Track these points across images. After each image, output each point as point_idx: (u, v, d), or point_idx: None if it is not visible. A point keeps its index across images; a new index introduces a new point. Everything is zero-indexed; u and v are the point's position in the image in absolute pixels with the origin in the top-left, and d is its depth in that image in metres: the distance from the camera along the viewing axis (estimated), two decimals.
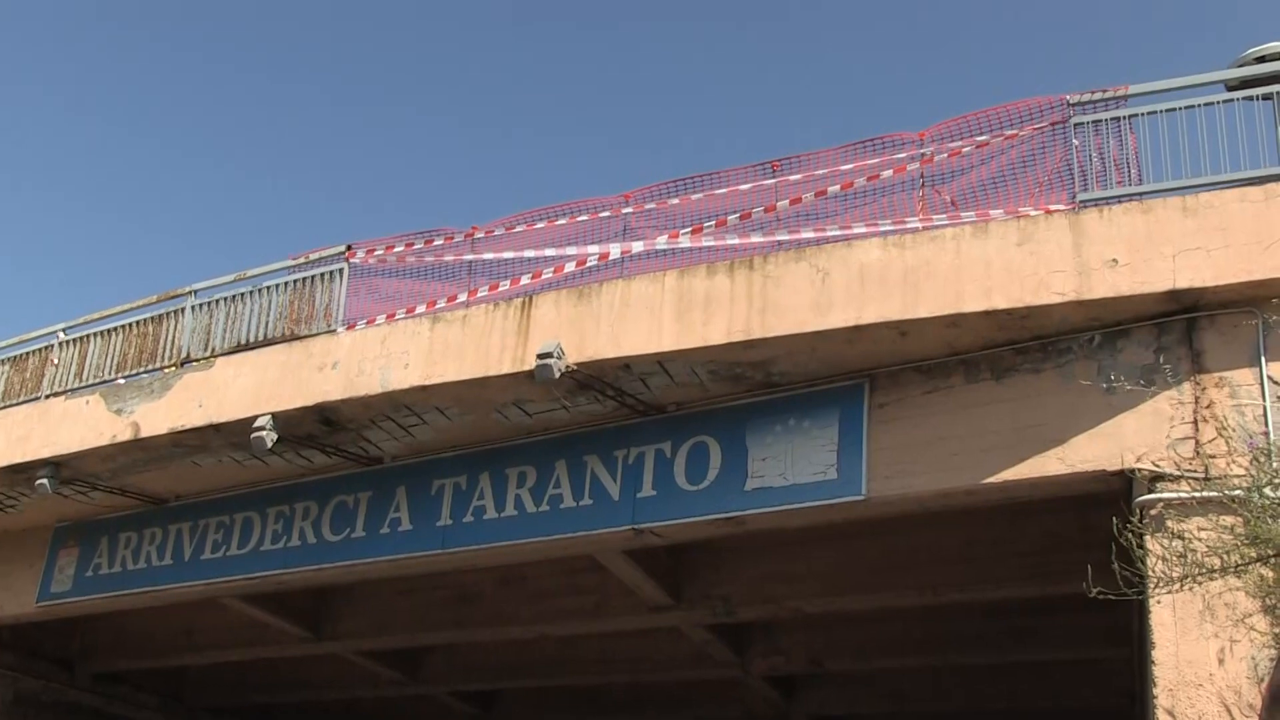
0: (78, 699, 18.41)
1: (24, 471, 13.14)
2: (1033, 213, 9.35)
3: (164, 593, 13.96)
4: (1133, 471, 8.38)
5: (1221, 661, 7.41)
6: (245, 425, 11.50)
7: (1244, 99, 9.10)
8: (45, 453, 12.93)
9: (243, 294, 13.14)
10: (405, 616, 15.37)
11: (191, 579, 13.54)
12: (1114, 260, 8.49)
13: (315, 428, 11.64)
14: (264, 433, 11.33)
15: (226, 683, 19.96)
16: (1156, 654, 7.70)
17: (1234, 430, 7.89)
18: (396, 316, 11.99)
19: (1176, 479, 8.04)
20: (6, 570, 15.03)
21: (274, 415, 11.36)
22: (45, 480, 12.85)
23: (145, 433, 12.26)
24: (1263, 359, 8.20)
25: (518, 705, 20.04)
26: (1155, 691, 7.68)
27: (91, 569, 14.27)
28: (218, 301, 13.27)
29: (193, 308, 13.33)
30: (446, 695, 19.22)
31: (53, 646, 17.91)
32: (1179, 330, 8.59)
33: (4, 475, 13.40)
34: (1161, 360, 8.53)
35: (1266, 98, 9.03)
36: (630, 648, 16.15)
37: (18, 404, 14.07)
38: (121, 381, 13.21)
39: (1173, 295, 8.42)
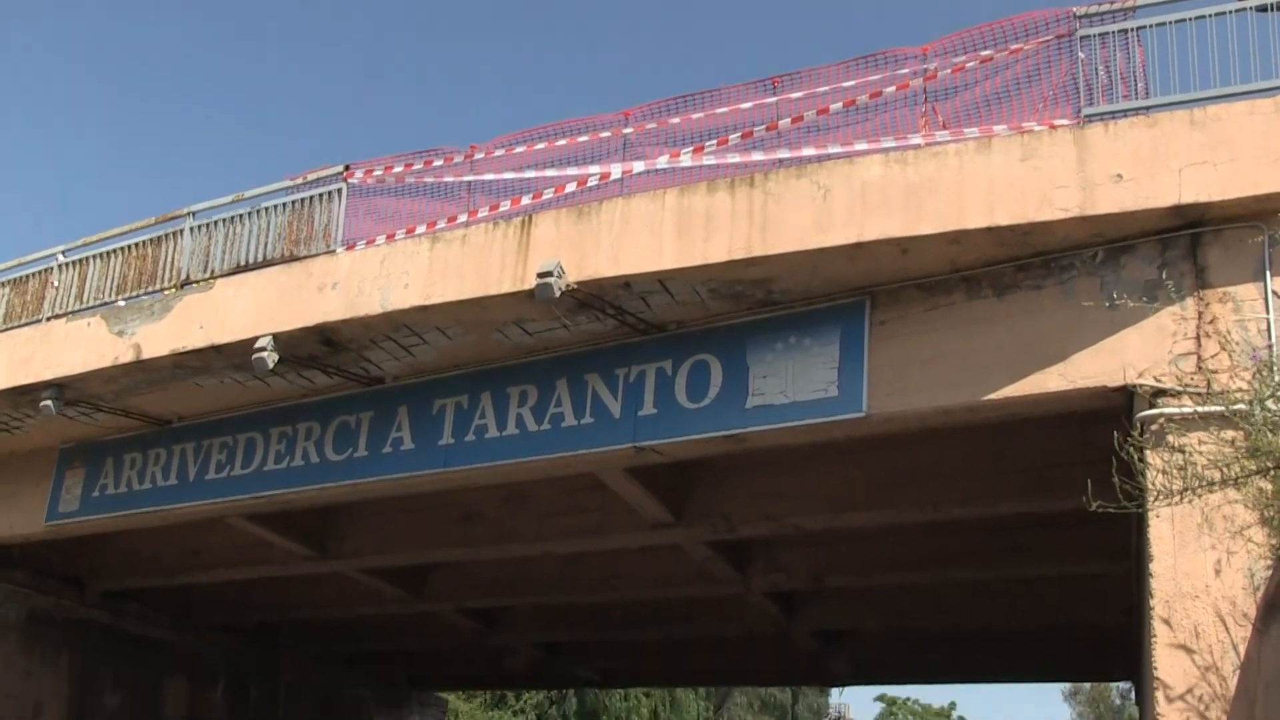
0: (88, 616, 18.66)
1: (28, 393, 13.17)
2: (1037, 128, 9.26)
3: (169, 512, 14.06)
4: (1134, 387, 8.39)
5: (1218, 573, 7.48)
6: (246, 346, 11.50)
7: (1256, 9, 8.95)
8: (48, 374, 12.95)
9: (241, 215, 13.08)
10: (409, 535, 15.49)
11: (196, 499, 13.64)
12: (1118, 175, 8.43)
13: (316, 348, 11.65)
14: (265, 354, 11.33)
15: (234, 601, 20.19)
16: (1154, 567, 7.76)
17: (1237, 344, 7.89)
18: (396, 237, 11.94)
19: (1178, 394, 8.05)
20: (14, 491, 15.14)
21: (275, 336, 11.36)
22: (49, 402, 12.89)
23: (147, 354, 12.27)
24: (1267, 273, 8.17)
25: (521, 622, 20.29)
26: (1152, 603, 7.75)
27: (98, 489, 14.37)
28: (216, 223, 13.21)
29: (191, 229, 13.27)
30: (451, 612, 19.45)
31: (62, 565, 18.12)
32: (1183, 245, 8.55)
33: (8, 397, 13.44)
34: (1165, 276, 8.50)
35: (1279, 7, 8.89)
36: (632, 565, 16.30)
37: (19, 326, 14.07)
38: (122, 304, 13.19)
39: (1178, 210, 8.37)
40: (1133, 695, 25.56)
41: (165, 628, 20.29)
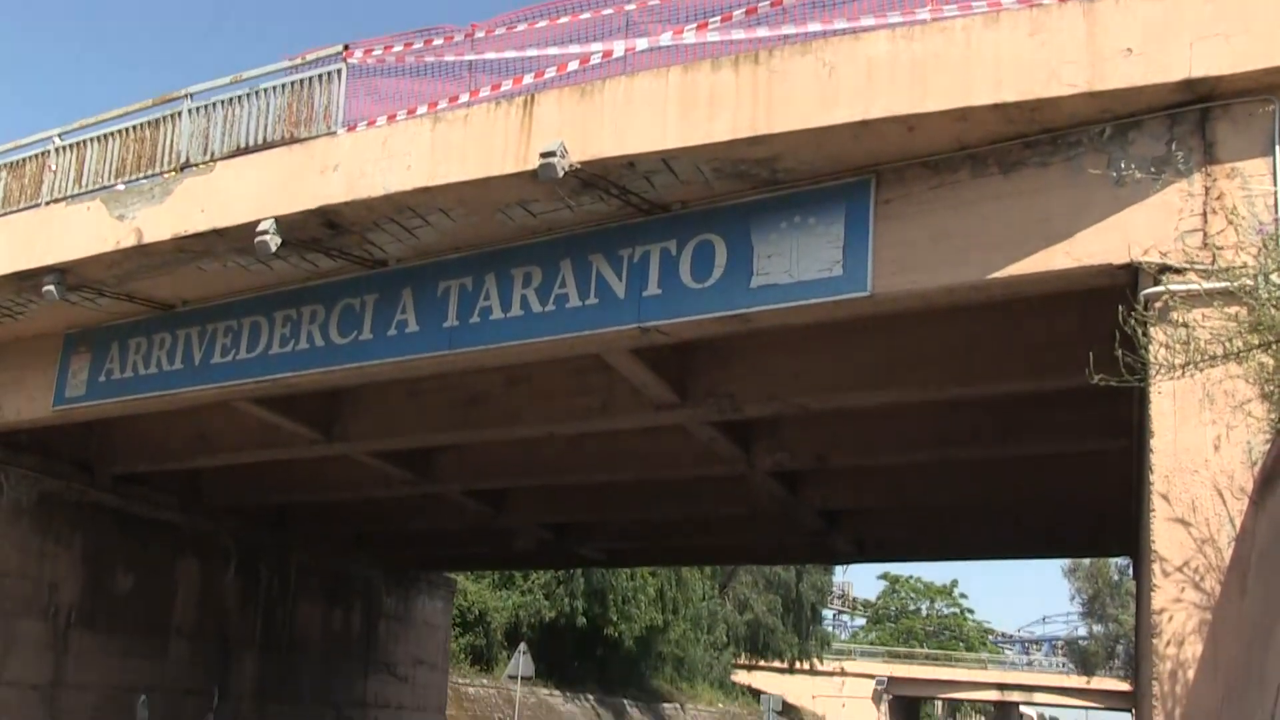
0: (99, 499, 18.91)
1: (30, 278, 13.17)
2: (1046, 1, 9.10)
3: (176, 396, 14.16)
4: (1139, 265, 8.37)
5: (1217, 448, 7.55)
6: (248, 230, 11.47)
7: None
8: (50, 259, 12.93)
9: (240, 97, 12.91)
10: (414, 418, 15.60)
11: (202, 383, 13.72)
12: (1128, 49, 8.31)
13: (319, 231, 11.61)
14: (267, 237, 11.30)
15: (243, 484, 20.42)
16: (1155, 442, 7.83)
17: (1243, 219, 7.85)
18: (397, 118, 11.80)
19: (1183, 271, 8.03)
20: (21, 376, 15.23)
21: (277, 219, 11.32)
22: (51, 287, 12.90)
23: (148, 238, 12.24)
24: (1276, 147, 8.09)
25: (528, 503, 20.53)
26: (1152, 479, 7.83)
27: (104, 374, 14.45)
28: (215, 105, 13.05)
29: (189, 111, 13.11)
30: (458, 494, 19.67)
31: (71, 450, 18.31)
32: (1192, 121, 8.46)
33: (10, 282, 13.44)
34: (1172, 151, 8.43)
35: None
36: (637, 446, 16.44)
37: (18, 211, 14.01)
38: (121, 187, 13.11)
39: (1188, 84, 8.26)
40: (1130, 571, 25.94)
41: (175, 510, 20.57)
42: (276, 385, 13.53)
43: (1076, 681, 69.62)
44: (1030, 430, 13.94)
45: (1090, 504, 17.60)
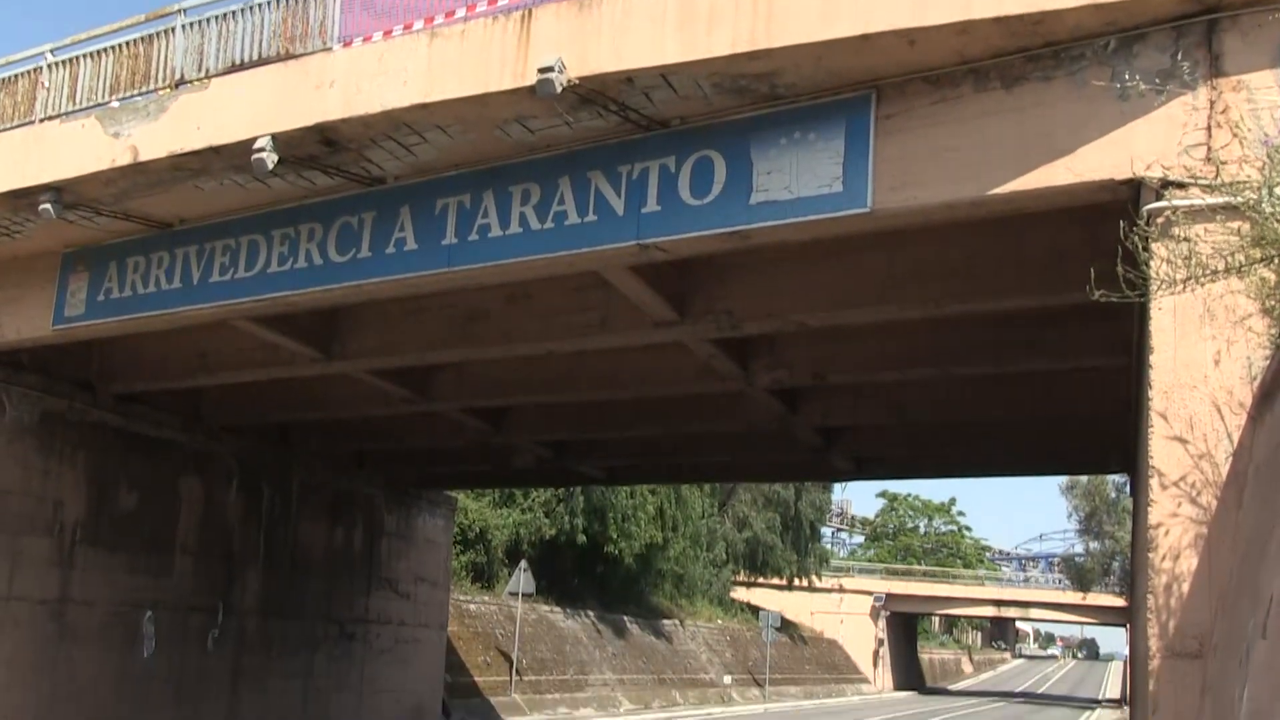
0: (101, 418, 18.99)
1: (25, 196, 13.10)
2: None
3: (175, 315, 14.15)
4: (1142, 180, 8.32)
5: (1217, 363, 7.56)
6: (245, 147, 11.38)
7: None
8: (45, 177, 12.85)
9: (234, 12, 12.75)
10: (414, 336, 15.61)
11: (201, 301, 13.71)
12: None
13: (316, 148, 11.52)
14: (264, 154, 11.22)
15: (243, 403, 20.50)
16: (1154, 358, 7.83)
17: (1249, 133, 7.78)
18: (394, 33, 11.66)
19: (1186, 186, 7.99)
20: (20, 295, 15.22)
21: (273, 136, 11.23)
22: (48, 205, 12.83)
23: (144, 156, 12.15)
24: None
25: (527, 421, 20.61)
26: (1150, 395, 7.85)
27: (103, 293, 14.43)
28: (209, 20, 12.88)
29: (183, 27, 12.95)
30: (457, 412, 19.75)
31: (73, 369, 18.35)
32: (1198, 32, 8.35)
33: (6, 200, 13.37)
34: (1178, 63, 8.33)
35: None
36: (636, 363, 16.47)
37: (12, 128, 13.89)
38: (116, 104, 12.99)
39: None
40: (1128, 488, 26.11)
41: (177, 430, 20.66)
42: (275, 304, 13.52)
43: (1072, 597, 70.54)
44: (1030, 347, 13.95)
45: (1089, 421, 17.68)
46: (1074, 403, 16.28)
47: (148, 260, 14.08)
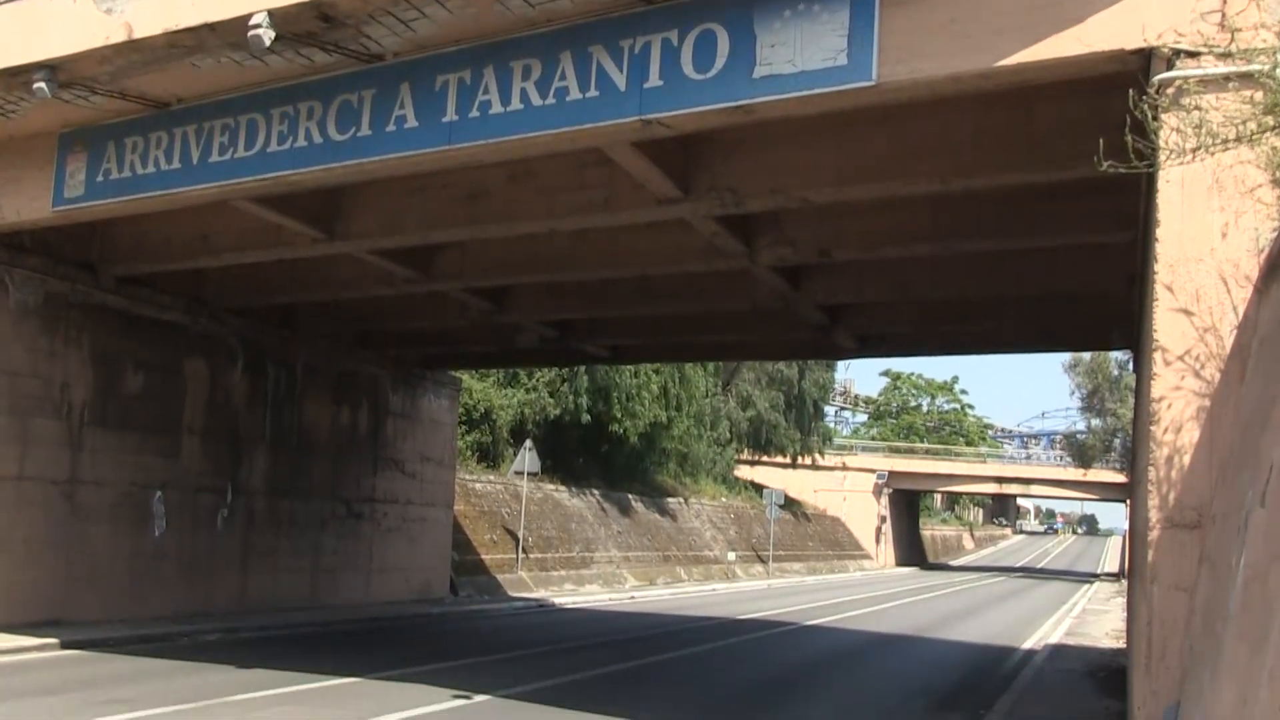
0: (104, 300, 19.01)
1: (19, 75, 12.89)
2: None
3: (175, 196, 14.05)
4: (1153, 49, 8.17)
5: (1224, 235, 7.50)
6: (241, 24, 11.16)
7: None
8: (38, 55, 12.63)
9: None
10: (416, 215, 15.53)
11: (201, 182, 13.59)
12: None
13: (313, 24, 11.30)
14: (260, 30, 11.02)
15: (247, 284, 20.49)
16: (1160, 231, 7.78)
17: None
18: None
19: (1198, 55, 7.84)
20: (18, 176, 15.10)
21: (270, 13, 11.00)
22: (43, 84, 12.64)
23: (139, 33, 11.93)
24: None
25: (530, 300, 20.60)
26: (1156, 268, 7.81)
27: (102, 174, 14.32)
28: None
29: None
30: (461, 291, 19.73)
31: (74, 251, 18.33)
32: None
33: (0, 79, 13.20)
34: None
35: None
36: (639, 242, 16.40)
37: (2, 4, 13.63)
38: None
39: None
40: (1131, 365, 26.18)
41: (180, 311, 20.69)
42: (276, 183, 13.42)
43: (1073, 474, 71.17)
44: (1035, 222, 13.85)
45: (1093, 298, 17.65)
46: (1078, 279, 16.24)
47: (146, 140, 13.94)
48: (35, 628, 17.21)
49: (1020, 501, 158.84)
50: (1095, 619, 32.83)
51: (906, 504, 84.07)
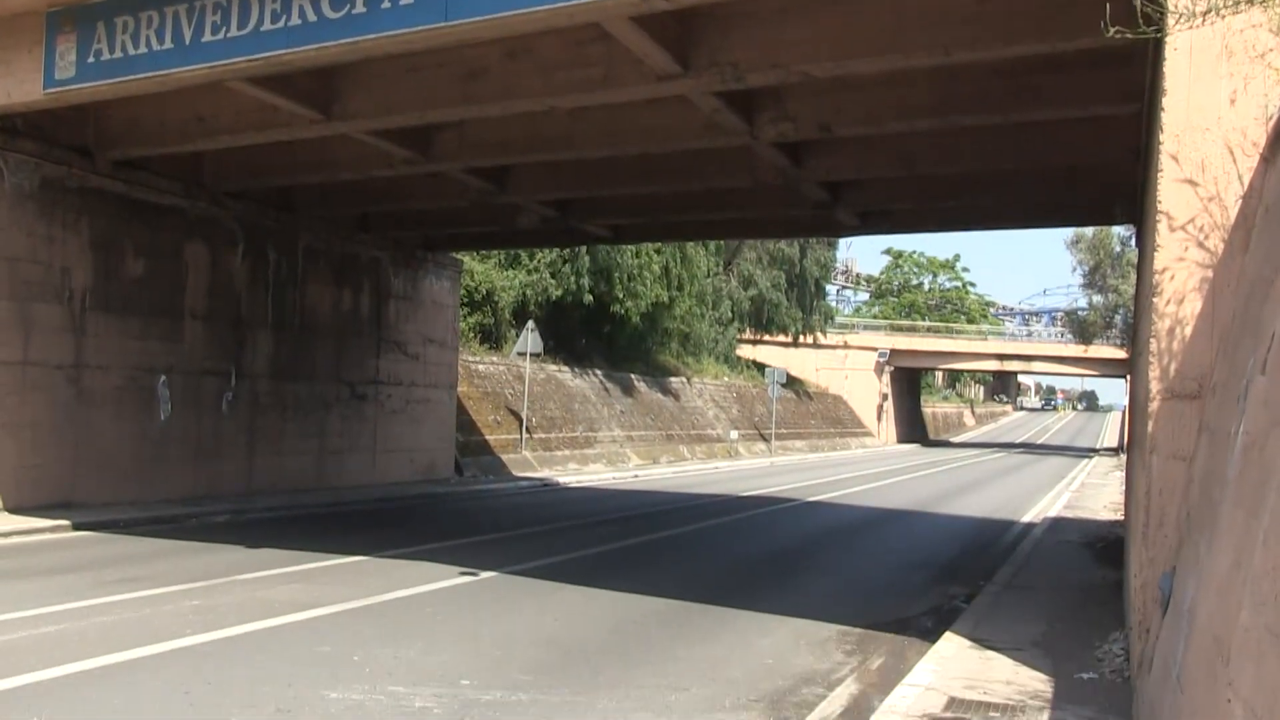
0: (101, 185, 18.89)
1: None
2: None
3: (168, 77, 13.85)
4: None
5: (1233, 103, 7.41)
6: None
7: None
8: None
9: None
10: (413, 94, 15.31)
11: (194, 62, 13.38)
12: None
13: None
14: None
15: (244, 166, 20.33)
16: (1167, 100, 7.68)
17: None
18: None
19: None
20: (7, 59, 14.87)
21: None
22: None
23: None
24: None
25: (530, 180, 20.45)
26: (1161, 138, 7.73)
27: (92, 55, 14.10)
28: None
29: None
30: (460, 172, 19.57)
31: (69, 135, 18.15)
32: None
33: None
34: None
35: None
36: (639, 119, 16.21)
37: None
38: None
39: None
40: (1133, 240, 26.06)
41: (179, 195, 20.57)
42: (270, 63, 13.22)
43: (1074, 350, 71.35)
44: (1039, 95, 13.68)
45: (1096, 171, 17.52)
46: (1082, 152, 16.09)
47: (136, 20, 13.70)
48: (47, 510, 17.44)
49: (1021, 378, 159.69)
50: (1094, 493, 33.20)
51: (908, 382, 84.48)
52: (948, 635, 10.59)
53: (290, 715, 7.61)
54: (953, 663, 9.40)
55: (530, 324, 34.03)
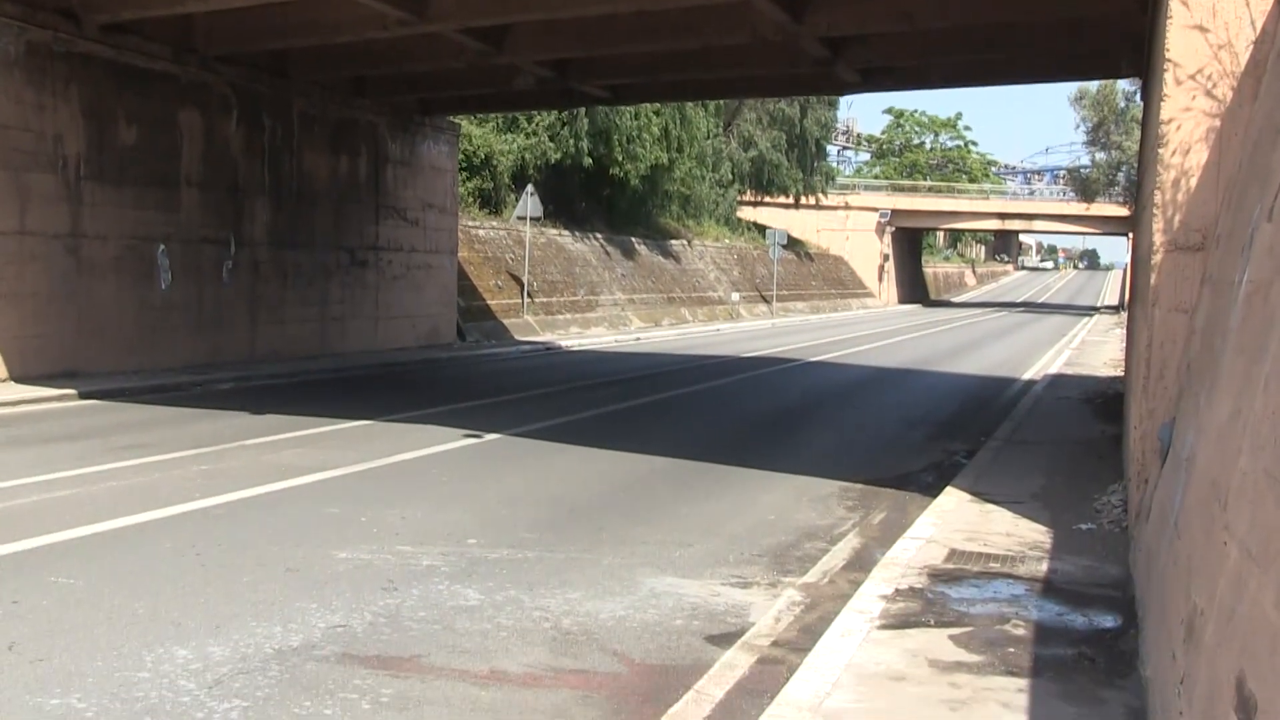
0: (89, 50, 18.56)
1: None
2: None
3: None
4: None
5: None
6: None
7: None
8: None
9: None
10: None
11: None
12: None
13: None
14: None
15: (236, 30, 19.94)
16: None
17: None
18: None
19: None
20: None
21: None
22: None
23: None
24: None
25: (527, 40, 20.08)
26: None
27: None
28: None
29: None
30: (456, 32, 19.18)
31: None
32: None
33: None
34: None
35: None
36: None
37: None
38: None
39: None
40: (1138, 95, 25.73)
41: (170, 60, 20.24)
42: None
43: (1076, 208, 70.96)
44: None
45: (1101, 22, 17.18)
46: (1087, 3, 15.77)
47: None
48: (51, 379, 17.52)
49: (1022, 238, 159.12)
50: (1094, 350, 33.32)
51: (909, 242, 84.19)
52: (948, 490, 10.72)
53: (299, 575, 7.74)
54: (953, 516, 9.52)
55: (529, 188, 33.78)
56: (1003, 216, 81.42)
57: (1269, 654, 3.11)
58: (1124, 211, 56.90)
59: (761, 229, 58.98)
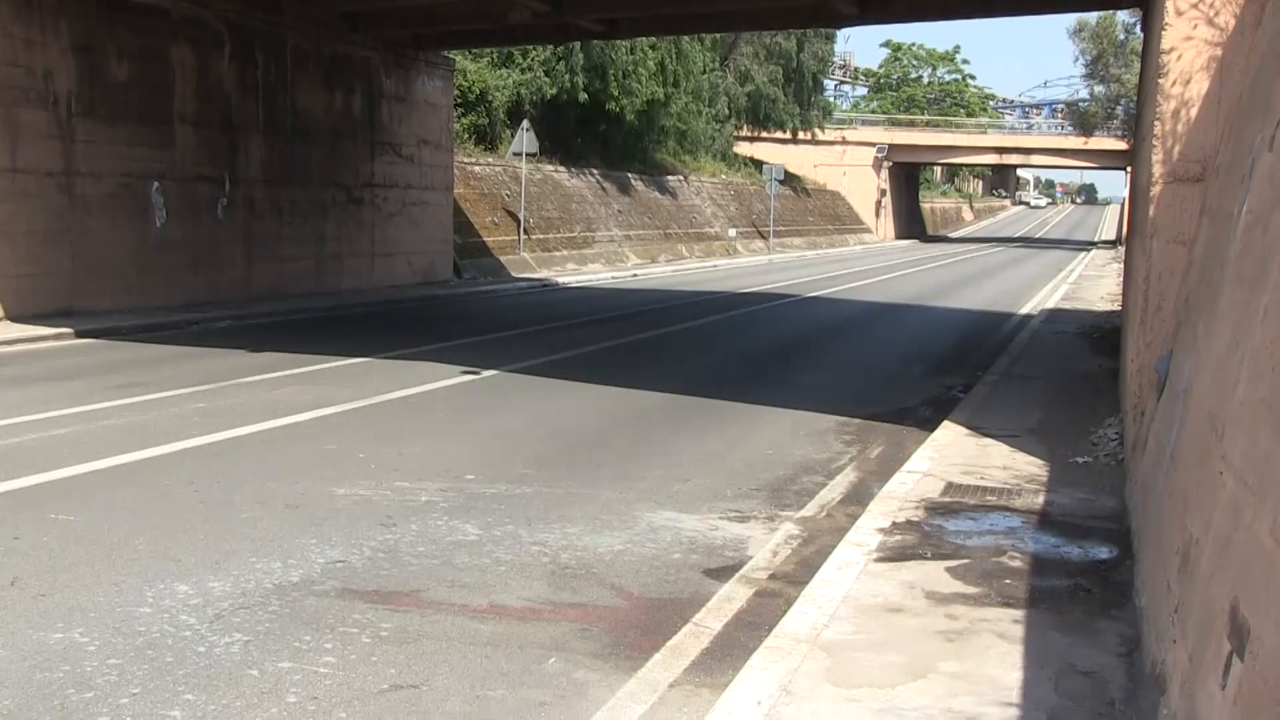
0: None
1: None
2: None
3: None
4: None
5: None
6: None
7: None
8: None
9: None
10: None
11: None
12: None
13: None
14: None
15: None
16: None
17: None
18: None
19: None
20: None
21: None
22: None
23: None
24: None
25: None
26: None
27: None
28: None
29: None
30: None
31: None
32: None
33: None
34: None
35: None
36: None
37: None
38: None
39: None
40: (1138, 27, 25.50)
41: None
42: None
43: (1074, 142, 70.54)
44: None
45: None
46: None
47: None
48: (47, 318, 17.49)
49: (1020, 173, 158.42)
50: (1091, 284, 33.30)
51: (906, 177, 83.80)
52: (945, 424, 10.75)
53: (298, 510, 7.77)
54: (950, 450, 9.55)
55: (525, 123, 33.53)
56: (1000, 151, 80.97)
57: (1263, 581, 3.13)
58: (1122, 145, 56.56)
59: (758, 164, 58.64)
